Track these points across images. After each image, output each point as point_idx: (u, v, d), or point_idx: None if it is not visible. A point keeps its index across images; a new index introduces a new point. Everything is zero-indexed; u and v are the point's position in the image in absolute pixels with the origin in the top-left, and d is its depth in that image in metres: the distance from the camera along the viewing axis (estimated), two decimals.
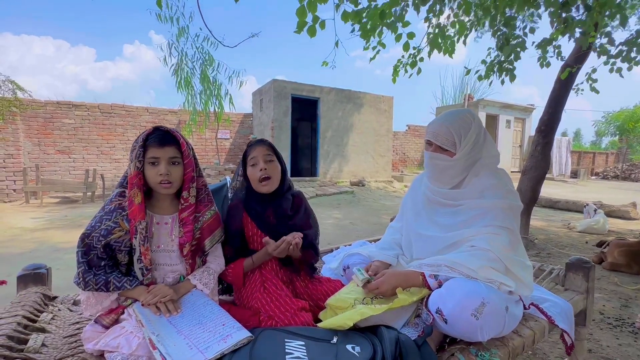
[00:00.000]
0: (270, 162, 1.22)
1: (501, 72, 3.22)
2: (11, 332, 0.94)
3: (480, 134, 1.18)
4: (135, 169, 1.00)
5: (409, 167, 13.03)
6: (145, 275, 1.02)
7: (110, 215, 0.99)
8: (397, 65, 3.38)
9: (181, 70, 7.48)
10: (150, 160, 1.02)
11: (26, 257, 3.40)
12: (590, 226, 4.77)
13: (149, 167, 1.02)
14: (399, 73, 3.39)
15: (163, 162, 1.02)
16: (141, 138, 1.02)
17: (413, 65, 3.31)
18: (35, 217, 5.51)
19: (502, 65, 3.20)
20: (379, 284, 1.07)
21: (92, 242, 0.97)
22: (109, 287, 0.97)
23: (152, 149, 1.02)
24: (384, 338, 0.89)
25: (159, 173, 1.02)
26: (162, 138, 1.03)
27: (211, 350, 0.84)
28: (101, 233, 0.97)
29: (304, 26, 2.26)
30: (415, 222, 1.29)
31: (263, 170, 1.20)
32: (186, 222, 1.08)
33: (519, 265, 1.09)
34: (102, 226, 0.98)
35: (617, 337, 1.98)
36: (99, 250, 0.97)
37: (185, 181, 1.07)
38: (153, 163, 1.02)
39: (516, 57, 3.07)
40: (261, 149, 1.22)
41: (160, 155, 1.02)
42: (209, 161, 9.53)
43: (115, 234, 0.98)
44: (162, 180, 1.02)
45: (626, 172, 16.70)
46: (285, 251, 1.13)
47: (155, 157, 1.02)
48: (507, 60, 3.13)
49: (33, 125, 7.68)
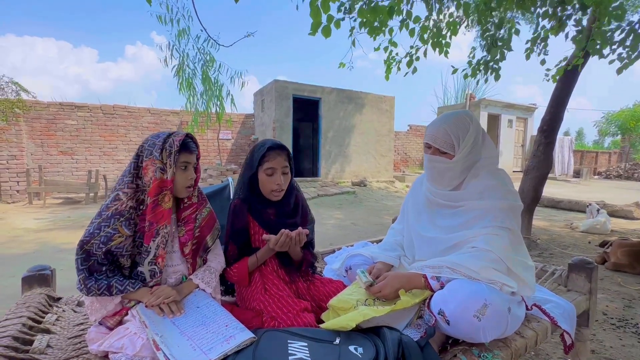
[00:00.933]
0: (286, 174, 1.22)
1: (487, 71, 3.27)
2: (16, 333, 0.95)
3: (479, 135, 1.18)
4: (172, 174, 1.02)
5: (410, 167, 13.01)
6: (157, 277, 1.03)
7: (108, 221, 0.97)
8: (390, 63, 3.34)
9: (183, 71, 7.50)
10: (181, 166, 1.06)
11: (29, 258, 3.42)
12: (593, 226, 4.75)
13: (179, 172, 1.06)
14: (392, 70, 3.36)
15: (191, 167, 1.08)
16: (176, 144, 1.02)
17: (409, 64, 3.30)
18: (39, 217, 5.54)
19: (488, 64, 3.25)
20: (381, 287, 1.07)
21: (91, 249, 0.96)
22: (111, 291, 0.97)
23: (184, 154, 1.05)
24: (387, 339, 0.89)
25: (189, 177, 1.07)
26: (193, 145, 1.08)
27: (214, 351, 0.85)
28: (101, 240, 0.96)
29: (318, 27, 2.23)
30: (416, 223, 1.29)
31: (279, 184, 1.19)
32: (188, 220, 1.10)
33: (520, 265, 1.09)
34: (101, 233, 0.96)
35: (621, 337, 1.98)
36: (99, 257, 0.96)
37: (195, 182, 1.12)
38: (184, 168, 1.06)
39: (502, 57, 3.13)
40: (280, 160, 1.19)
41: (190, 161, 1.07)
42: (210, 162, 9.55)
43: (115, 240, 0.97)
44: (189, 184, 1.08)
45: (629, 172, 16.61)
46: (287, 244, 1.13)
47: (187, 162, 1.06)
48: (493, 60, 3.18)
49: (36, 127, 7.72)
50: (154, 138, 1.04)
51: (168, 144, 1.02)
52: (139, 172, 1.02)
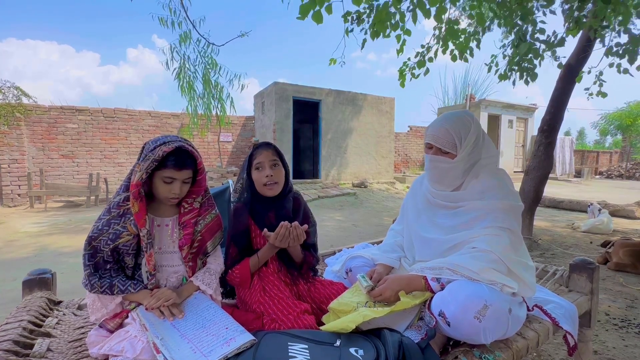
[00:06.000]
0: (276, 166, 1.23)
1: (521, 71, 3.11)
2: (17, 337, 0.95)
3: (480, 135, 1.18)
4: (140, 179, 0.97)
5: (411, 168, 13.00)
6: (150, 280, 1.03)
7: (119, 219, 0.99)
8: (403, 69, 3.29)
9: (183, 73, 7.53)
10: (165, 180, 1.01)
11: (30, 262, 3.43)
12: (594, 226, 4.73)
13: (161, 183, 1.02)
14: (406, 77, 3.29)
15: (177, 183, 1.03)
16: (159, 154, 0.97)
17: (421, 65, 3.22)
18: (40, 221, 5.54)
19: (521, 64, 3.09)
20: (382, 290, 1.07)
21: (99, 245, 0.98)
22: (113, 290, 0.98)
23: (169, 170, 1.00)
24: (387, 341, 0.89)
25: (172, 191, 1.03)
26: (183, 162, 1.01)
27: (215, 353, 0.85)
28: (109, 237, 0.98)
29: (307, 10, 2.08)
30: (416, 224, 1.29)
31: (269, 176, 1.21)
32: (187, 224, 1.09)
33: (521, 266, 1.08)
34: (110, 230, 0.98)
35: (623, 338, 1.97)
36: (105, 254, 0.98)
37: (197, 193, 1.10)
38: (168, 182, 1.02)
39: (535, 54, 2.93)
40: (267, 154, 1.23)
41: (178, 177, 1.02)
42: (211, 164, 9.56)
43: (124, 237, 0.99)
44: (172, 197, 1.04)
45: (630, 171, 16.58)
46: (287, 238, 1.13)
47: (172, 177, 1.01)
48: (525, 59, 3.02)
49: (37, 130, 7.75)
50: (152, 142, 1.02)
51: (153, 151, 0.97)
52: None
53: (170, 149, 0.98)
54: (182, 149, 1.01)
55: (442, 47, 3.09)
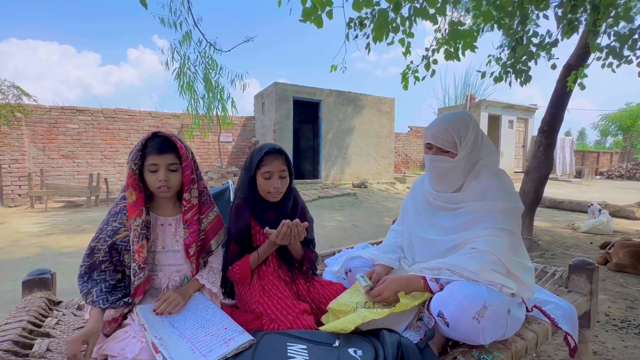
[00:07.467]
0: (284, 178, 1.22)
1: (516, 74, 3.13)
2: (16, 337, 0.95)
3: (479, 135, 1.18)
4: (130, 170, 1.02)
5: (411, 168, 13.00)
6: (137, 274, 1.01)
7: (116, 216, 1.03)
8: (406, 72, 3.25)
9: (184, 74, 7.53)
10: (150, 168, 1.03)
11: (30, 262, 3.43)
12: (594, 226, 4.73)
13: (148, 174, 1.04)
14: (409, 80, 3.25)
15: (162, 169, 1.04)
16: (140, 143, 1.03)
17: (427, 67, 3.17)
18: (40, 221, 5.55)
19: (515, 66, 3.11)
20: (381, 290, 1.07)
21: (97, 244, 1.00)
22: (87, 298, 0.96)
23: (151, 156, 1.03)
24: (386, 341, 0.89)
25: (158, 179, 1.03)
26: (161, 145, 1.03)
27: (213, 353, 0.85)
28: (107, 234, 1.01)
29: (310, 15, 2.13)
30: (415, 224, 1.29)
31: (276, 187, 1.20)
32: (191, 222, 1.10)
33: (520, 267, 1.08)
34: (108, 227, 1.02)
35: (623, 338, 1.96)
36: (102, 252, 0.99)
37: (185, 183, 1.08)
38: (153, 170, 1.03)
39: (530, 56, 2.97)
40: (277, 165, 1.20)
41: (159, 162, 1.03)
42: (211, 164, 9.56)
43: (121, 233, 1.01)
44: (161, 186, 1.04)
45: (631, 172, 16.56)
46: (288, 236, 1.13)
47: (154, 164, 1.03)
48: (520, 61, 3.04)
49: (37, 131, 7.75)
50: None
51: (136, 144, 1.04)
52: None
53: (148, 135, 1.05)
54: (159, 134, 1.05)
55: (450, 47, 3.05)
